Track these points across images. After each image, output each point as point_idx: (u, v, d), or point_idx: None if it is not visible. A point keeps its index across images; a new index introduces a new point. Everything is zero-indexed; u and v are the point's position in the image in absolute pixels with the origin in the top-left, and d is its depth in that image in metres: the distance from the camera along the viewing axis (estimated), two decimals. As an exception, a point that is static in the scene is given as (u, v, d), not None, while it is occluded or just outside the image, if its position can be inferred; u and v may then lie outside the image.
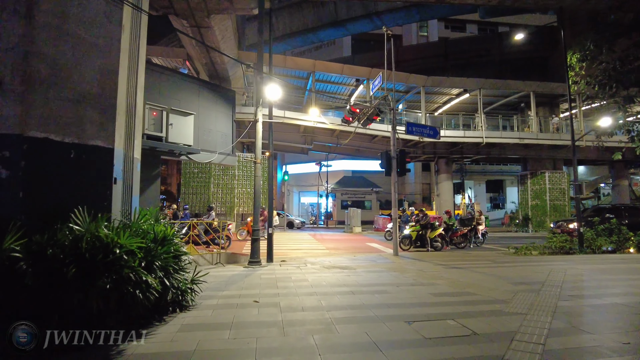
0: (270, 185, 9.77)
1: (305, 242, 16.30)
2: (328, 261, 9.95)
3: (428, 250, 13.22)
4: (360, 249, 13.75)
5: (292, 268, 8.75)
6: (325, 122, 19.81)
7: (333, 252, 12.52)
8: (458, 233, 14.68)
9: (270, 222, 9.71)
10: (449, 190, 24.36)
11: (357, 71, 20.25)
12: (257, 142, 9.22)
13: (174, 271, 4.91)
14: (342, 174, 36.93)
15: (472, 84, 21.64)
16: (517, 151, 24.13)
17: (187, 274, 5.41)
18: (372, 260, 10.35)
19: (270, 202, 9.75)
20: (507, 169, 47.96)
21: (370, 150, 24.19)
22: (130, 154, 5.25)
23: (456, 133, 21.44)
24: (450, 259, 10.80)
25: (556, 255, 11.79)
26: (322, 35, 29.48)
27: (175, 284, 4.95)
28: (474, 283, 6.97)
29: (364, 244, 15.80)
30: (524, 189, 25.68)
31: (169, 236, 5.07)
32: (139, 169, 5.49)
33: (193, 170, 21.05)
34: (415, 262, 10.01)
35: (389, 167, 11.60)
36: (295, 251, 12.73)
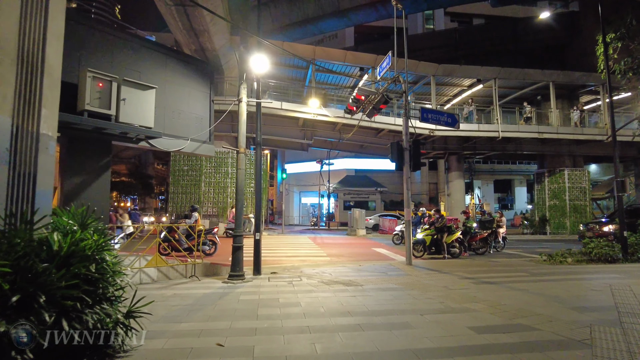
0: (258, 180, 8.04)
1: (304, 246, 14.55)
2: (329, 273, 8.19)
3: (444, 257, 11.45)
4: (366, 256, 11.99)
5: (283, 283, 7.00)
6: (327, 114, 18.07)
7: (335, 260, 10.76)
8: (477, 237, 12.90)
9: (257, 227, 7.96)
10: (461, 190, 22.56)
11: (361, 59, 18.50)
12: (241, 127, 7.49)
13: (86, 305, 3.18)
14: (344, 173, 35.15)
15: (487, 73, 19.84)
16: (534, 147, 22.29)
17: (123, 303, 3.69)
18: (382, 271, 8.58)
19: (258, 201, 8.02)
20: (515, 168, 46.20)
21: (376, 146, 22.41)
22: (33, 127, 3.53)
23: (470, 126, 19.64)
24: (475, 269, 9.02)
25: (597, 264, 9.98)
26: (323, 26, 27.71)
27: (93, 321, 3.21)
28: (523, 308, 5.20)
29: (369, 249, 14.02)
30: (541, 188, 23.80)
31: (85, 250, 3.34)
32: (53, 151, 3.77)
33: (183, 168, 19.41)
34: (434, 274, 8.22)
35: (400, 160, 9.84)
36: (291, 259, 10.97)
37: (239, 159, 7.41)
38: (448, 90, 22.78)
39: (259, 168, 8.04)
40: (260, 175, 8.07)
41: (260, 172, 8.07)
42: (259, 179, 8.05)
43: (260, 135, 8.08)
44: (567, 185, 22.50)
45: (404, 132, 10.01)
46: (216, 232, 11.86)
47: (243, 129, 7.48)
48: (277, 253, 12.26)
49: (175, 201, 19.25)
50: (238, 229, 7.32)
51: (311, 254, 12.09)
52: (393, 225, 20.31)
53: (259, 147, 8.08)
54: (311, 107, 17.91)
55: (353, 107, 14.36)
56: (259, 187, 8.05)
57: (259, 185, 8.05)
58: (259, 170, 8.06)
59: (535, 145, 22.20)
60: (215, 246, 11.71)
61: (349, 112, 14.52)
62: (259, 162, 8.08)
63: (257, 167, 8.05)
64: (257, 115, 8.02)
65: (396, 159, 9.84)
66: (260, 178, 8.09)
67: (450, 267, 9.26)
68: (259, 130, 8.09)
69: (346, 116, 18.17)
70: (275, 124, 19.67)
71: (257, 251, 7.89)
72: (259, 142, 8.08)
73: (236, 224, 7.36)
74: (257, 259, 7.88)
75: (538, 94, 23.27)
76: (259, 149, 8.09)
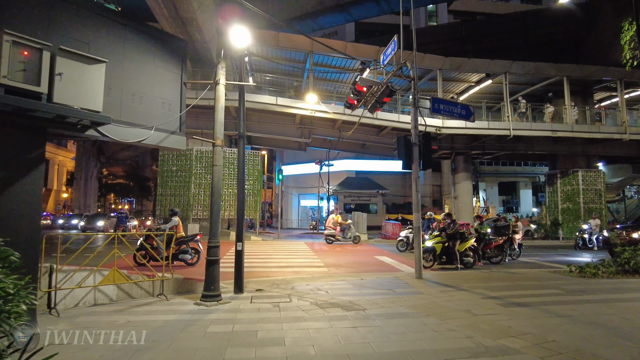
0: (241, 179, 6.74)
1: (300, 254, 13.22)
2: (325, 290, 6.86)
3: (457, 268, 10.12)
4: (369, 266, 10.65)
5: (268, 306, 5.68)
6: (326, 109, 16.79)
7: (333, 272, 9.44)
8: (492, 244, 11.57)
9: (239, 235, 6.65)
10: (468, 192, 21.22)
11: (362, 51, 17.22)
12: (217, 114, 6.19)
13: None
14: (345, 175, 33.83)
15: (497, 66, 18.53)
16: (547, 146, 20.96)
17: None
18: (388, 287, 7.25)
19: (241, 203, 6.71)
20: (520, 170, 45.04)
21: (378, 145, 21.13)
22: None
23: (479, 124, 18.32)
24: (497, 284, 7.68)
25: (635, 276, 8.63)
26: (322, 22, 26.56)
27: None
28: (581, 348, 3.88)
29: (372, 257, 12.69)
30: (553, 190, 22.48)
31: None
32: None
33: (171, 168, 18.12)
34: (450, 291, 6.89)
35: (408, 157, 8.53)
36: (284, 270, 9.64)
37: (215, 153, 6.10)
38: (454, 87, 21.49)
39: (241, 164, 6.74)
40: (242, 172, 6.77)
41: (242, 169, 6.77)
42: (242, 177, 6.75)
43: (244, 126, 6.79)
44: (582, 187, 21.17)
45: (413, 124, 8.71)
46: (199, 238, 10.53)
47: (220, 117, 6.17)
48: (269, 262, 10.94)
49: (163, 204, 17.95)
50: (213, 238, 6.00)
51: (306, 264, 10.75)
52: (397, 229, 18.96)
53: (243, 140, 6.78)
54: (309, 103, 16.63)
55: (354, 100, 13.08)
56: (241, 186, 6.74)
57: (241, 184, 6.74)
58: (242, 167, 6.76)
59: (547, 144, 20.88)
60: (199, 255, 10.40)
61: (349, 106, 13.24)
62: (242, 158, 6.78)
63: (239, 163, 6.75)
64: (239, 101, 6.73)
65: (403, 156, 8.53)
66: (243, 176, 6.78)
67: (467, 282, 7.92)
68: (242, 120, 6.80)
69: (346, 112, 16.89)
70: (270, 122, 18.40)
71: (239, 264, 6.58)
72: (242, 135, 6.79)
73: (211, 231, 6.05)
74: (238, 273, 6.57)
75: (549, 90, 21.98)
76: (242, 143, 6.79)
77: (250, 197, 18.42)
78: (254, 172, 18.66)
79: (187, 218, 17.64)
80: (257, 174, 18.69)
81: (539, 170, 45.57)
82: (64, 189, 59.00)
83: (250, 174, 18.51)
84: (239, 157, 6.74)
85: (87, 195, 48.52)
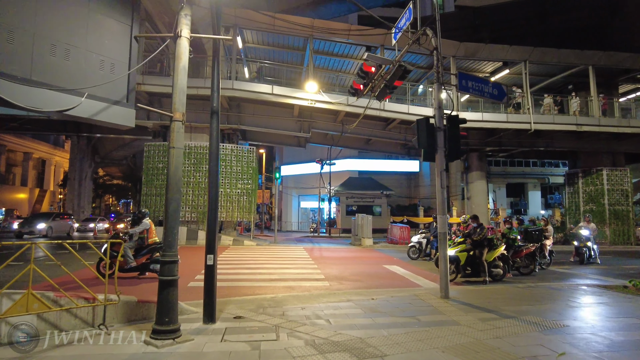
0: (214, 169, 5.01)
1: (297, 262, 11.47)
2: (326, 318, 5.14)
3: (486, 281, 8.39)
4: (378, 278, 8.90)
5: (244, 348, 3.96)
6: (327, 99, 15.07)
7: (336, 287, 7.69)
8: (523, 252, 9.82)
9: (210, 245, 4.92)
10: (482, 192, 19.47)
11: (368, 35, 15.50)
12: (177, 78, 4.46)
13: None
14: (347, 175, 32.07)
15: (517, 53, 16.79)
16: (568, 142, 19.19)
17: None
18: (409, 313, 5.51)
19: (213, 201, 4.99)
20: (529, 171, 43.42)
21: (384, 141, 19.41)
22: None
23: (496, 117, 16.58)
24: (548, 306, 5.93)
25: None
26: (324, 12, 24.88)
27: None
28: None
29: (380, 266, 10.93)
30: (574, 191, 20.70)
31: None
32: None
33: (157, 165, 16.43)
34: (492, 320, 5.14)
35: (431, 145, 6.79)
36: (275, 284, 7.89)
37: (174, 131, 4.38)
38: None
39: (214, 149, 5.02)
40: (216, 160, 5.04)
41: (216, 156, 5.05)
42: (215, 166, 5.03)
43: (218, 99, 5.07)
44: (606, 188, 19.38)
45: (437, 104, 6.98)
46: (176, 245, 8.78)
47: (181, 81, 4.45)
48: (259, 274, 9.19)
49: (148, 204, 16.24)
50: (168, 250, 4.28)
51: (304, 276, 9.00)
52: (405, 234, 17.21)
53: (216, 116, 5.06)
54: (308, 92, 14.92)
55: (359, 85, 11.40)
56: (214, 179, 5.02)
57: (214, 177, 5.02)
58: (215, 154, 5.04)
59: (568, 140, 19.10)
60: (175, 265, 8.65)
61: (354, 92, 11.55)
62: (215, 142, 5.05)
63: (212, 148, 5.03)
64: (213, 61, 5.02)
65: (425, 144, 6.79)
66: (217, 164, 5.06)
67: (506, 302, 6.18)
68: (215, 91, 5.07)
69: (350, 102, 15.20)
70: (266, 114, 16.70)
71: (210, 285, 4.85)
72: (215, 110, 5.07)
73: (165, 240, 4.33)
74: (208, 297, 4.84)
75: (569, 82, 20.23)
76: (216, 121, 5.07)
77: (244, 197, 16.71)
78: (249, 169, 16.95)
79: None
80: (252, 172, 16.98)
81: (549, 171, 43.82)
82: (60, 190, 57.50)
83: (244, 172, 16.81)
84: (211, 140, 5.01)
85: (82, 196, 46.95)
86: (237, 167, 16.73)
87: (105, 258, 4.80)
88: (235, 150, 16.71)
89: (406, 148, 20.56)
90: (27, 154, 52.50)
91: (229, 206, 16.42)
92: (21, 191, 51.42)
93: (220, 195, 16.33)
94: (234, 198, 16.53)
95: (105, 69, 4.33)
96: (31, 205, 51.80)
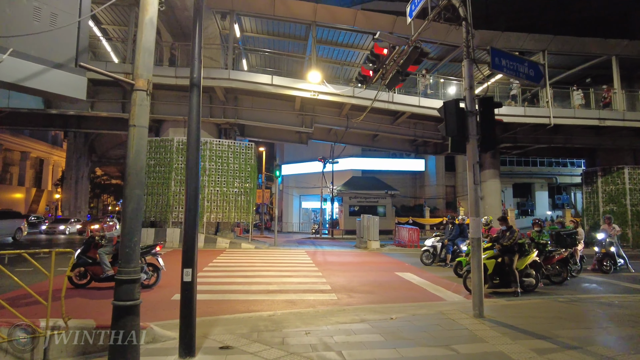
0: (193, 158, 3.86)
1: (298, 269, 10.31)
2: (336, 350, 3.99)
3: (517, 293, 7.23)
4: (393, 290, 7.74)
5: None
6: (332, 90, 13.94)
7: (345, 301, 6.54)
8: (555, 258, 8.66)
9: (187, 258, 3.77)
10: (496, 192, 18.29)
11: (375, 21, 14.33)
12: (142, 33, 3.33)
13: None
14: (350, 174, 30.92)
15: (535, 42, 15.63)
16: (588, 139, 18.03)
17: None
18: (441, 340, 4.36)
19: (192, 199, 3.85)
20: (536, 171, 42.42)
21: (392, 137, 18.30)
22: None
23: (513, 110, 15.41)
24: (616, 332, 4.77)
25: None
26: (325, 3, 23.70)
27: None
28: None
29: (392, 273, 9.76)
30: (592, 191, 19.51)
31: None
32: None
33: (149, 162, 15.28)
34: (551, 351, 3.98)
35: (461, 132, 5.64)
36: (274, 297, 6.74)
37: (135, 103, 3.25)
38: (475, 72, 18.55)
39: (194, 131, 3.88)
40: (195, 148, 3.90)
41: (196, 143, 3.91)
42: (194, 155, 3.89)
43: (199, 69, 3.93)
44: (628, 187, 18.18)
45: (467, 83, 5.85)
46: (159, 251, 7.67)
47: (146, 37, 3.32)
48: (255, 284, 8.04)
49: (139, 204, 15.12)
50: (126, 263, 3.13)
51: (307, 286, 7.84)
52: (414, 236, 16.05)
53: (197, 90, 3.92)
54: (311, 83, 13.78)
55: (369, 71, 10.28)
56: (193, 172, 3.87)
57: (193, 168, 3.87)
58: (195, 140, 3.90)
59: (588, 136, 17.94)
60: (158, 273, 7.55)
61: (362, 79, 10.44)
62: (196, 124, 3.91)
63: (190, 131, 3.89)
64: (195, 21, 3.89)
65: (454, 131, 5.64)
66: (197, 153, 3.92)
67: (557, 324, 5.02)
68: (196, 59, 3.93)
69: (356, 94, 14.06)
70: (265, 107, 15.57)
71: (188, 307, 3.70)
72: (195, 83, 3.93)
73: (121, 252, 3.19)
74: (186, 323, 3.69)
75: (588, 75, 19.03)
76: (197, 96, 3.92)
77: (241, 196, 15.58)
78: (247, 167, 15.81)
79: (166, 221, 14.83)
80: (250, 170, 15.84)
81: (556, 171, 42.80)
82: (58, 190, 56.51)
83: (241, 170, 15.68)
84: (190, 122, 3.87)
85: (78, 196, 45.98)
86: (235, 165, 15.60)
87: (49, 274, 3.64)
88: (232, 146, 15.58)
89: (414, 145, 19.41)
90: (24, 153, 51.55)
91: (226, 206, 15.29)
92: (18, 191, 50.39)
93: (217, 195, 15.21)
94: (230, 198, 15.40)
95: (44, 19, 3.22)
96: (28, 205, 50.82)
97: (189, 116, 3.97)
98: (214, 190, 15.24)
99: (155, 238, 14.72)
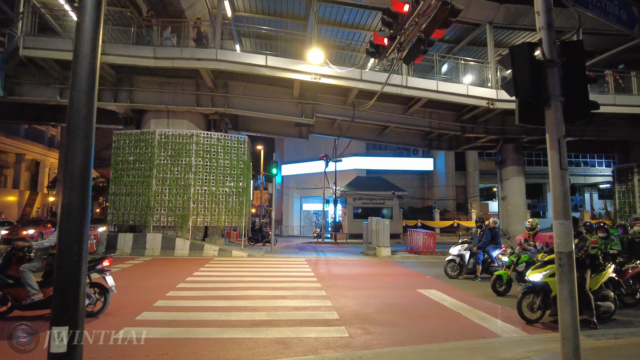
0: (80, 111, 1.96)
1: (296, 285, 8.34)
2: None
3: (593, 323, 5.27)
4: (423, 319, 5.76)
5: None
6: (336, 71, 12.02)
7: (359, 340, 4.57)
8: (628, 273, 6.68)
9: (64, 301, 1.81)
10: (520, 191, 16.34)
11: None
12: None
13: None
14: (354, 174, 29.04)
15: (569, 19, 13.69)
16: (623, 131, 16.07)
17: None
18: None
19: (79, 189, 1.89)
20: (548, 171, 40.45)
21: (403, 130, 16.37)
22: None
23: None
24: None
25: None
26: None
27: None
28: None
29: (414, 290, 7.76)
30: (626, 189, 17.54)
31: None
32: None
33: (127, 159, 13.45)
34: None
35: (537, 91, 3.70)
36: (260, 332, 4.77)
37: None
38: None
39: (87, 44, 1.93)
40: (88, 80, 1.95)
41: (90, 69, 1.96)
42: (82, 95, 1.94)
43: None
44: (669, 185, 16.20)
45: (543, 20, 3.94)
46: (108, 266, 5.73)
47: None
48: (237, 309, 6.07)
49: (116, 206, 13.23)
50: None
51: (306, 314, 5.85)
52: (430, 242, 14.07)
53: None
54: (312, 64, 11.88)
55: (383, 39, 8.40)
56: (79, 129, 1.93)
57: (77, 123, 1.93)
58: (89, 63, 1.95)
59: (623, 128, 15.98)
60: (106, 297, 5.58)
61: (375, 50, 8.59)
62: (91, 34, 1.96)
63: (79, 46, 1.94)
64: None
65: (526, 90, 3.71)
66: (92, 87, 1.98)
67: None
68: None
69: (363, 77, 12.15)
70: (259, 95, 13.67)
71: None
72: None
73: None
74: None
75: (621, 60, 17.12)
76: None
77: (233, 197, 13.65)
78: (239, 163, 13.89)
79: (147, 226, 12.91)
80: (242, 167, 13.92)
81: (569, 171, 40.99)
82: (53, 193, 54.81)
83: (233, 166, 13.77)
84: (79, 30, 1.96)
85: (72, 198, 44.33)
86: (225, 161, 13.69)
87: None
88: (222, 139, 13.67)
89: (427, 139, 17.45)
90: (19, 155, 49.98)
91: (215, 208, 13.36)
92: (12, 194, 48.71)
93: (204, 195, 13.29)
94: (220, 198, 13.47)
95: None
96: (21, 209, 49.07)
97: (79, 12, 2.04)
98: (201, 190, 13.32)
99: (134, 245, 12.82)
